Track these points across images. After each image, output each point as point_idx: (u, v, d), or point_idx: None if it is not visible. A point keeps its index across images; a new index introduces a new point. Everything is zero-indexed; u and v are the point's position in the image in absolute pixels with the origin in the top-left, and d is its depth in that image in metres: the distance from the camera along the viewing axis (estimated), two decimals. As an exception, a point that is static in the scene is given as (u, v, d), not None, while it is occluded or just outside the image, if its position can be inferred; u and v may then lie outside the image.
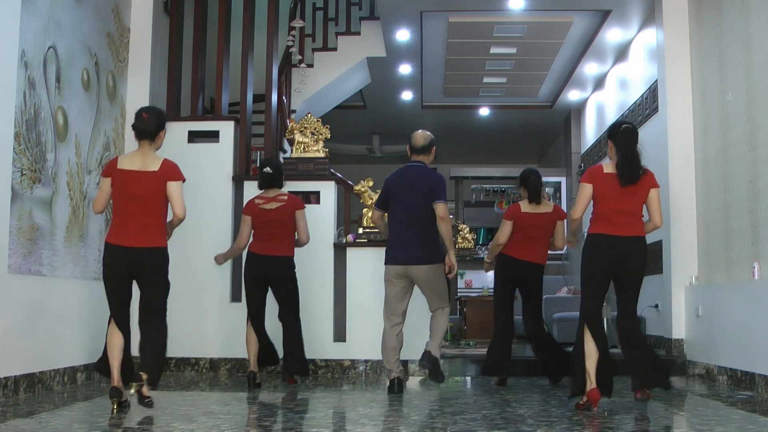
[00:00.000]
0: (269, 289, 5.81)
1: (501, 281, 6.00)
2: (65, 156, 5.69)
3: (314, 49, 9.84)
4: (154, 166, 4.35)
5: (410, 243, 5.31)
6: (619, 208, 4.61)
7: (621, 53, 9.49)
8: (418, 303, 5.70)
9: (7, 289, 4.87)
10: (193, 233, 6.70)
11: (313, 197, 6.90)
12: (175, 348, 6.66)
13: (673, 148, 6.96)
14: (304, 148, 6.84)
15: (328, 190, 6.86)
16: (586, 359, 4.50)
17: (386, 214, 5.59)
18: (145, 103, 6.88)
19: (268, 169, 5.79)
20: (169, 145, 6.74)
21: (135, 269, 4.34)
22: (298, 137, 6.85)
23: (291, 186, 6.79)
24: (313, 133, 6.87)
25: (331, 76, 9.81)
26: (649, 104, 8.17)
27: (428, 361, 5.32)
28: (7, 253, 4.87)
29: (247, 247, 5.84)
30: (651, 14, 7.83)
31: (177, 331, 6.58)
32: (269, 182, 5.79)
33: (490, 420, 4.17)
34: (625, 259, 4.61)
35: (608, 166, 4.73)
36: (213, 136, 6.96)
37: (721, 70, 6.29)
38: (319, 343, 6.61)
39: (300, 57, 9.33)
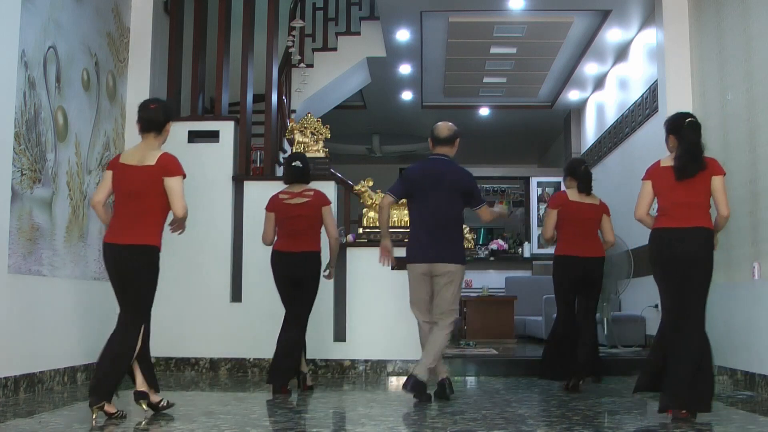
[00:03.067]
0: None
1: (560, 283, 5.65)
2: (65, 156, 5.69)
3: (314, 49, 9.85)
4: (152, 160, 4.13)
5: (438, 241, 4.98)
6: (677, 201, 4.35)
7: (621, 53, 9.49)
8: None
9: (7, 289, 4.87)
10: (193, 233, 6.68)
11: (313, 197, 6.88)
12: (175, 348, 6.67)
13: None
14: (304, 148, 6.83)
15: (328, 190, 6.83)
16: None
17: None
18: (145, 103, 6.90)
19: (298, 163, 5.54)
20: (169, 145, 6.76)
21: (122, 267, 4.14)
22: (298, 137, 6.85)
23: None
24: (313, 133, 6.87)
25: (331, 76, 9.81)
26: (649, 104, 8.17)
27: (413, 388, 4.77)
28: (7, 253, 4.87)
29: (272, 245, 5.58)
30: (651, 14, 7.83)
31: (177, 331, 6.62)
32: (298, 177, 5.54)
33: (490, 420, 4.17)
34: (688, 252, 4.32)
35: (667, 160, 4.47)
36: (213, 136, 6.96)
37: (721, 70, 6.28)
38: (319, 343, 6.60)
39: (300, 57, 9.33)
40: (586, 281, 5.62)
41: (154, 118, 4.20)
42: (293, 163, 5.57)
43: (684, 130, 4.37)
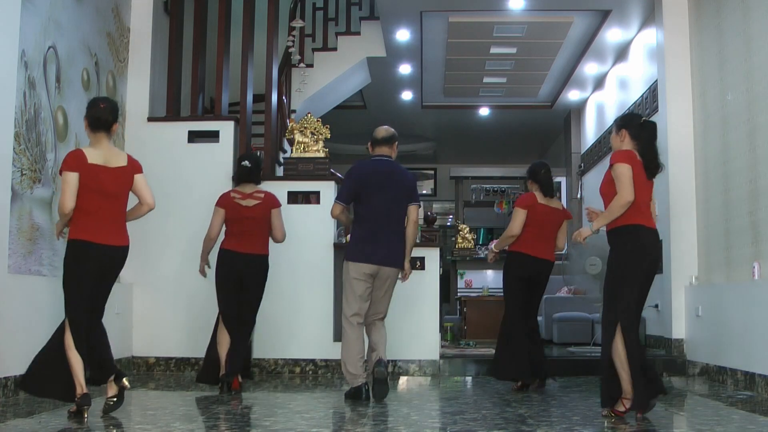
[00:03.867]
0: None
1: (514, 280, 5.67)
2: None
3: (314, 49, 9.84)
4: (122, 161, 4.26)
5: (388, 242, 4.99)
6: (645, 200, 4.31)
7: (621, 53, 9.49)
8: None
9: (7, 289, 4.87)
10: (192, 233, 6.70)
11: (313, 197, 6.90)
12: (175, 348, 6.67)
13: (673, 148, 6.95)
14: (304, 148, 6.84)
15: (328, 190, 6.86)
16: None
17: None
18: (146, 103, 6.92)
19: (246, 163, 5.54)
20: (169, 145, 6.81)
21: (111, 267, 4.28)
22: (298, 137, 6.85)
23: (291, 186, 6.80)
24: (313, 133, 6.87)
25: (331, 76, 9.81)
26: (649, 104, 8.17)
27: (384, 366, 4.89)
28: (7, 253, 4.87)
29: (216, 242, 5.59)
30: (651, 14, 7.83)
31: (177, 331, 6.62)
32: (247, 176, 5.54)
33: (490, 420, 4.17)
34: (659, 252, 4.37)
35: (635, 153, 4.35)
36: (213, 136, 6.96)
37: (721, 70, 6.29)
38: (319, 343, 6.61)
39: (300, 57, 9.33)
40: (537, 282, 5.68)
41: (103, 117, 4.23)
42: (242, 163, 5.57)
43: (647, 132, 4.37)
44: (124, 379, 4.19)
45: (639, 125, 4.41)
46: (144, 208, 4.42)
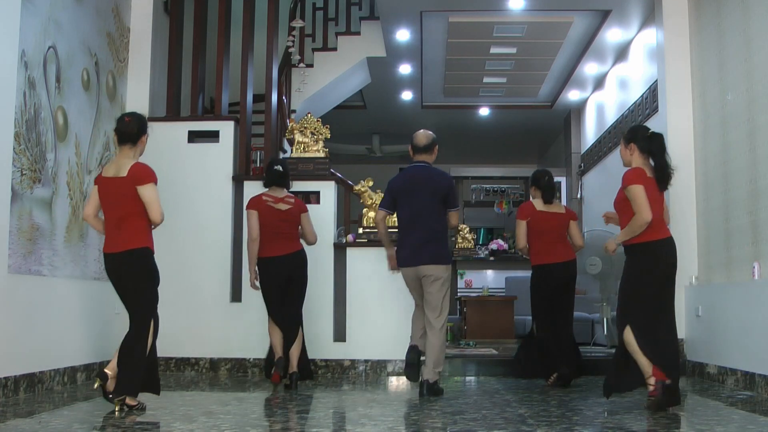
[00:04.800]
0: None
1: (536, 296, 5.96)
2: (65, 156, 5.69)
3: (314, 49, 9.84)
4: (124, 172, 4.37)
5: (418, 244, 5.23)
6: (658, 213, 4.58)
7: (621, 53, 9.49)
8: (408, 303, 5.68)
9: (7, 289, 4.87)
10: (193, 233, 6.72)
11: (313, 197, 6.90)
12: (175, 348, 6.67)
13: (673, 148, 6.90)
14: (304, 148, 6.84)
15: (328, 190, 6.86)
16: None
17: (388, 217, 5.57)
18: (146, 103, 6.91)
19: (279, 168, 5.72)
20: (169, 145, 6.81)
21: (119, 274, 4.41)
22: (298, 137, 6.85)
23: (291, 186, 6.80)
24: (313, 133, 6.87)
25: (331, 76, 9.81)
26: (649, 104, 8.17)
27: (429, 391, 5.11)
28: (7, 253, 4.87)
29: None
30: (651, 14, 7.83)
31: (177, 331, 6.62)
32: (278, 181, 5.71)
33: (490, 420, 4.17)
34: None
35: (648, 169, 4.65)
36: (213, 136, 6.97)
37: (721, 70, 6.29)
38: (319, 343, 6.61)
39: (299, 57, 9.33)
40: (557, 287, 5.86)
41: (127, 131, 4.44)
42: (274, 167, 5.76)
43: (657, 145, 4.62)
44: (116, 401, 4.26)
45: (647, 138, 4.63)
46: (152, 224, 4.51)
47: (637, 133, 4.68)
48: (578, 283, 6.29)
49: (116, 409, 4.23)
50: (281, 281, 5.62)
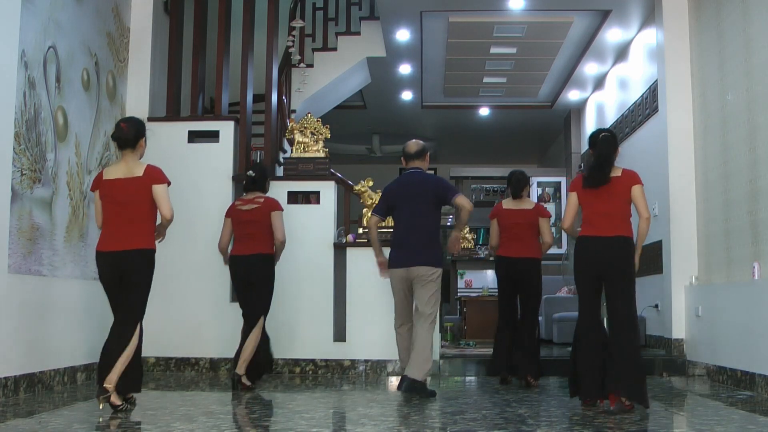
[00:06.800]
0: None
1: (498, 281, 6.22)
2: (65, 156, 5.69)
3: (314, 49, 9.84)
4: (139, 172, 4.46)
5: (412, 246, 5.31)
6: (598, 211, 4.64)
7: (621, 53, 9.48)
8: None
9: (7, 289, 4.87)
10: (193, 233, 6.71)
11: (313, 197, 6.90)
12: (175, 348, 6.67)
13: (673, 148, 6.96)
14: (304, 148, 6.84)
15: (328, 190, 6.86)
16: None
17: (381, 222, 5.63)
18: (146, 103, 6.92)
19: (250, 173, 5.86)
20: (169, 145, 6.80)
21: (124, 272, 4.41)
22: (298, 137, 6.85)
23: (291, 186, 6.81)
24: (313, 133, 6.87)
25: (331, 76, 9.80)
26: (649, 104, 8.17)
27: (410, 387, 5.06)
28: (7, 253, 4.87)
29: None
30: (651, 14, 7.83)
31: (177, 331, 6.63)
32: (251, 186, 5.82)
33: (490, 420, 4.17)
34: (608, 259, 4.61)
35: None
36: (213, 136, 6.97)
37: (721, 70, 6.29)
38: (319, 343, 6.61)
39: (299, 57, 9.32)
40: (519, 280, 5.98)
41: (124, 137, 4.49)
42: (247, 173, 5.89)
43: (598, 144, 4.69)
44: (101, 399, 4.25)
45: (590, 139, 4.80)
46: (163, 221, 4.57)
47: (590, 137, 4.83)
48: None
49: (100, 406, 4.22)
50: (241, 280, 5.76)
